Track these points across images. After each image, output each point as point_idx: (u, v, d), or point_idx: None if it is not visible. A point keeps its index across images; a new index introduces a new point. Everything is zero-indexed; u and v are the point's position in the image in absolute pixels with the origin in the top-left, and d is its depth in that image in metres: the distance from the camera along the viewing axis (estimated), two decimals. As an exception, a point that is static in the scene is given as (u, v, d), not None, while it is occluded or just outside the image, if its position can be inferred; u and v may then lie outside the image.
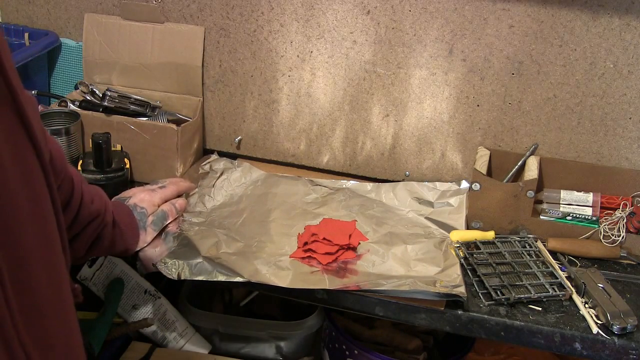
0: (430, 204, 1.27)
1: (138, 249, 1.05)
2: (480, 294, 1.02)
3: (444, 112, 1.29)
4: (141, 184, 1.29)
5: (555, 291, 1.03)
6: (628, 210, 1.16)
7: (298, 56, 1.31)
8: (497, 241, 1.15)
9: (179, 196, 1.18)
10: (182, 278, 1.02)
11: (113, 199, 1.07)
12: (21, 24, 1.46)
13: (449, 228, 1.19)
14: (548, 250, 1.15)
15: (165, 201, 1.13)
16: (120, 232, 0.99)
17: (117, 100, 1.29)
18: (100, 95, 1.29)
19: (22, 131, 0.59)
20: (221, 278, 1.02)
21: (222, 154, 1.42)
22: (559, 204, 1.20)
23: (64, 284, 0.66)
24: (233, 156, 1.42)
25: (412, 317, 1.00)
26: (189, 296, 1.31)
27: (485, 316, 0.99)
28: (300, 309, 1.32)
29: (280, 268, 1.05)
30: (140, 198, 1.07)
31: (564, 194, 1.20)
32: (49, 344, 0.61)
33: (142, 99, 1.32)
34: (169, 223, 1.12)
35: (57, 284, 0.63)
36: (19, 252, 0.56)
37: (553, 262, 1.11)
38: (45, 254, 0.61)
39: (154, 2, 1.34)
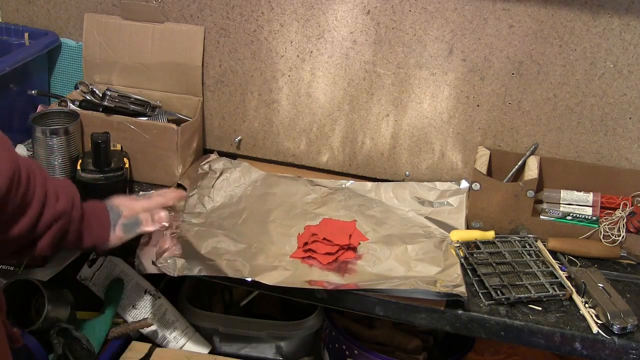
0: (430, 203, 1.27)
1: (107, 246, 1.01)
2: (480, 294, 1.02)
3: (444, 112, 1.29)
4: (141, 183, 1.29)
5: (555, 291, 1.03)
6: (628, 210, 1.16)
7: (298, 56, 1.31)
8: (497, 241, 1.15)
9: (169, 207, 1.13)
10: (181, 275, 1.02)
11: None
12: (21, 24, 1.46)
13: (449, 228, 1.19)
14: (548, 250, 1.15)
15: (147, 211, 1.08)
16: (89, 226, 0.96)
17: (117, 100, 1.29)
18: (100, 95, 1.29)
19: None
20: (221, 277, 1.02)
21: (222, 154, 1.42)
22: (559, 203, 1.20)
23: None
24: (233, 156, 1.42)
25: (412, 317, 1.00)
26: (189, 296, 1.31)
27: (485, 316, 0.99)
28: (300, 309, 1.32)
29: (280, 268, 1.05)
30: (121, 201, 1.04)
31: (564, 194, 1.20)
32: None
33: (142, 98, 1.32)
34: (146, 231, 1.06)
35: None
36: None
37: (553, 261, 1.11)
38: None
39: (154, 2, 1.34)
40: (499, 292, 1.02)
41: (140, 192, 1.25)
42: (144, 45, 1.36)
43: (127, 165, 1.21)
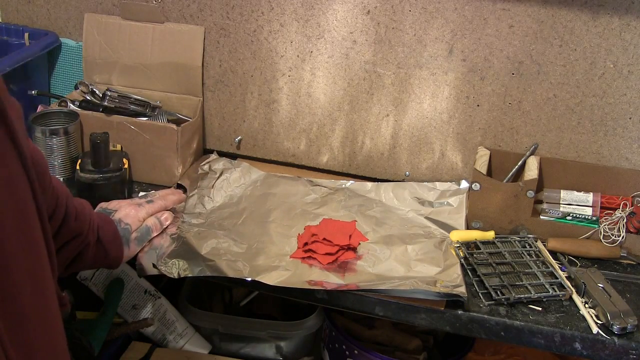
0: (430, 203, 1.27)
1: (121, 264, 1.04)
2: (480, 294, 1.02)
3: (444, 112, 1.29)
4: (141, 183, 1.29)
5: (555, 291, 1.03)
6: (628, 210, 1.16)
7: (298, 56, 1.31)
8: (497, 241, 1.15)
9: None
10: (182, 276, 1.02)
11: (98, 208, 1.05)
12: (21, 24, 1.46)
13: (449, 228, 1.19)
14: (548, 250, 1.15)
15: (151, 215, 1.11)
16: (104, 249, 0.97)
17: (117, 100, 1.29)
18: (100, 95, 1.29)
19: (4, 134, 0.57)
20: (221, 277, 1.02)
21: (222, 154, 1.42)
22: (559, 204, 1.20)
23: (49, 291, 0.65)
24: (233, 156, 1.42)
25: (412, 317, 1.00)
26: (189, 296, 1.31)
27: (485, 316, 0.99)
28: (300, 309, 1.32)
29: (280, 268, 1.05)
30: (125, 213, 1.04)
31: (564, 194, 1.20)
32: (32, 350, 0.60)
33: (142, 99, 1.32)
34: (154, 237, 1.10)
35: (41, 291, 0.62)
36: (1, 259, 0.55)
37: (553, 262, 1.11)
38: (28, 260, 0.60)
39: (154, 2, 1.34)
40: (499, 292, 1.02)
41: (140, 193, 1.25)
42: (144, 45, 1.36)
43: (126, 166, 1.21)
